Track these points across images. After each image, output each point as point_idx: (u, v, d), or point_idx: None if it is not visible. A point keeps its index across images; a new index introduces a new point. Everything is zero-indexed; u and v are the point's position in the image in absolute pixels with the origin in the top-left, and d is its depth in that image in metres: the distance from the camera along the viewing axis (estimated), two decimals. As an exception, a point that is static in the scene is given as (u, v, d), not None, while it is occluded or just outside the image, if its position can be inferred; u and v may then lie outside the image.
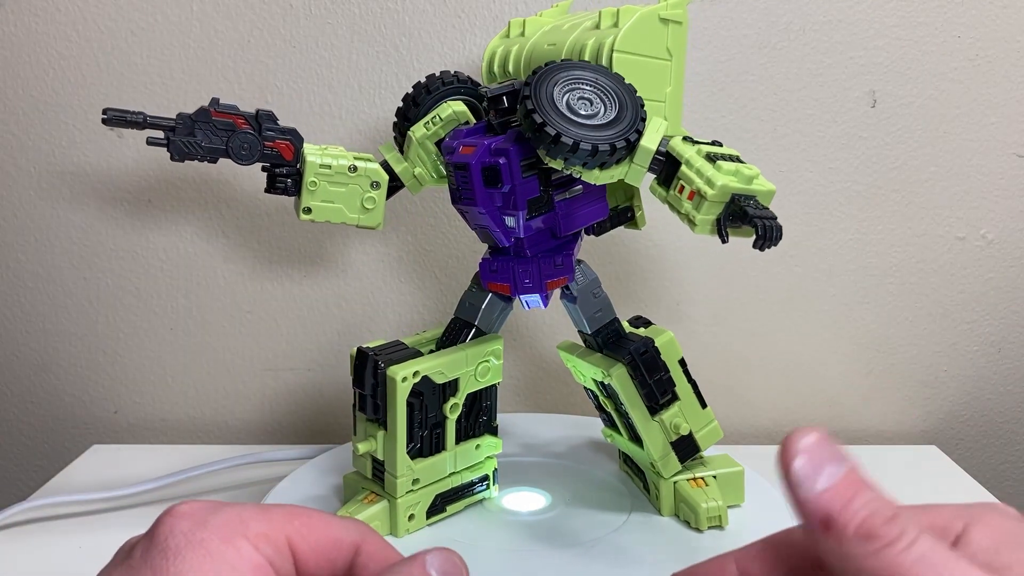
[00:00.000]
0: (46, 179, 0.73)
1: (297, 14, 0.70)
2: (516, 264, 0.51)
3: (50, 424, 0.79)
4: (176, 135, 0.50)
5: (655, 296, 0.75)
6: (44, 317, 0.76)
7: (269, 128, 0.52)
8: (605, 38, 0.48)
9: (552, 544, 0.51)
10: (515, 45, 0.54)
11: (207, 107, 0.51)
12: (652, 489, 0.55)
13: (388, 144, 0.56)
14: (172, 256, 0.75)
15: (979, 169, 0.73)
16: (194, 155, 0.51)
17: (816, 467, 0.26)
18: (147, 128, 0.50)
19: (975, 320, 0.76)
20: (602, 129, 0.44)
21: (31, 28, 0.70)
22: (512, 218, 0.49)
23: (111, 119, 0.49)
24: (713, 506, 0.52)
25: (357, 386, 0.52)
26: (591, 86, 0.45)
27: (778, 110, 0.71)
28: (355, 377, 0.52)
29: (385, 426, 0.51)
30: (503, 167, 0.47)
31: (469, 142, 0.49)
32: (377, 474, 0.52)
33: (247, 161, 0.52)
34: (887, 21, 0.70)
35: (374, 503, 0.52)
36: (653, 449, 0.53)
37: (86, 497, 0.62)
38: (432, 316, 0.75)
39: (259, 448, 0.70)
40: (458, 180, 0.49)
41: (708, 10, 0.69)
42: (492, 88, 0.49)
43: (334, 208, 0.54)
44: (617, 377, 0.51)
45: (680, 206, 0.46)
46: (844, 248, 0.74)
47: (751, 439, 0.78)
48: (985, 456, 0.80)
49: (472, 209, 0.50)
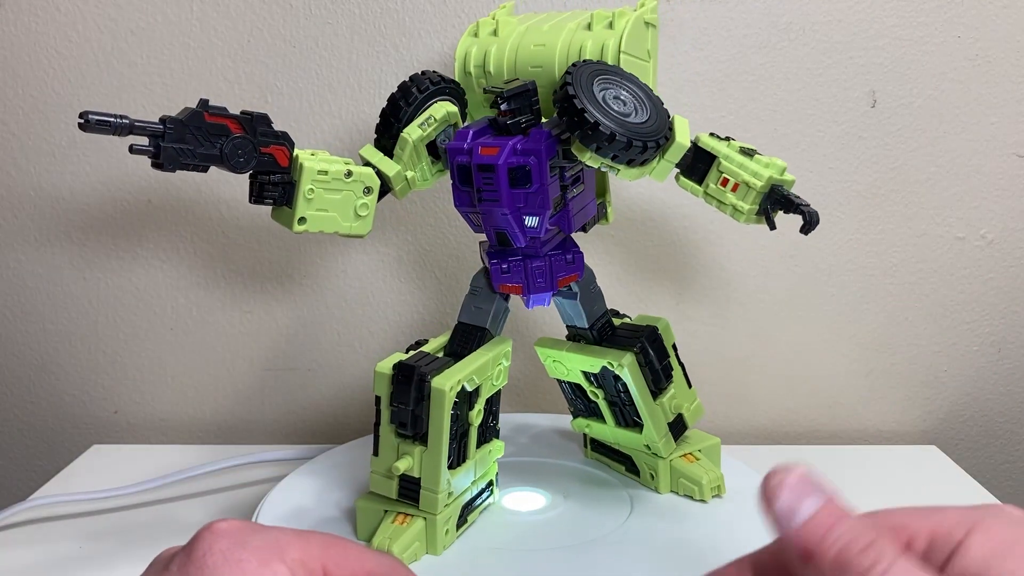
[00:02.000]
0: (46, 179, 0.73)
1: (297, 14, 0.70)
2: (530, 263, 0.51)
3: (50, 424, 0.79)
4: (166, 141, 0.44)
5: (655, 296, 0.75)
6: (44, 317, 0.76)
7: (264, 132, 0.48)
8: (605, 39, 0.49)
9: (552, 544, 0.51)
10: (491, 45, 0.53)
11: (198, 109, 0.45)
12: (644, 471, 0.58)
13: (369, 147, 0.53)
14: (172, 256, 0.75)
15: (979, 169, 0.73)
16: (187, 163, 0.45)
17: (795, 502, 0.27)
18: (132, 134, 0.43)
19: (975, 320, 0.76)
20: (635, 128, 0.46)
21: (31, 28, 0.70)
22: (535, 218, 0.49)
23: (92, 124, 0.42)
24: (713, 476, 0.56)
25: (399, 402, 0.49)
26: (624, 88, 0.48)
27: (778, 110, 0.71)
28: (394, 393, 0.49)
29: (423, 441, 0.49)
30: (534, 167, 0.47)
31: (489, 143, 0.48)
32: (407, 493, 0.50)
33: (244, 168, 0.47)
34: (887, 21, 0.70)
35: (409, 524, 0.49)
36: (656, 431, 0.55)
37: (86, 497, 0.62)
38: (432, 316, 0.75)
39: (259, 448, 0.70)
40: (479, 181, 0.48)
41: (708, 10, 0.69)
42: (508, 88, 0.48)
43: (328, 217, 0.50)
44: (629, 365, 0.53)
45: (724, 198, 0.49)
46: (844, 248, 0.74)
47: (751, 439, 0.78)
48: (985, 456, 0.80)
49: (494, 210, 0.49)
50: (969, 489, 0.66)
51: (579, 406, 0.60)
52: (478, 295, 0.54)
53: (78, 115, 0.42)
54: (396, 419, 0.49)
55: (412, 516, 0.50)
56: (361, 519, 0.52)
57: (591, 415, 0.59)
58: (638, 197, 0.72)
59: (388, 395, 0.49)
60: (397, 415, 0.49)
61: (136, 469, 0.69)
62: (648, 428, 0.55)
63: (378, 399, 0.50)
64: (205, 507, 0.63)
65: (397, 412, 0.49)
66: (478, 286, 0.54)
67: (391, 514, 0.50)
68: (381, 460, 0.51)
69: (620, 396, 0.56)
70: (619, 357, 0.53)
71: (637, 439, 0.57)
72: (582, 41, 0.50)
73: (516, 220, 0.49)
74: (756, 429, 0.78)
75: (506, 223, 0.49)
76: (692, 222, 0.73)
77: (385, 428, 0.50)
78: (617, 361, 0.53)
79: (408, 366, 0.49)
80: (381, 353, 0.76)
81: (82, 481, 0.68)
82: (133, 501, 0.64)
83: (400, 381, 0.49)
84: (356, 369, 0.76)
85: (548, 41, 0.51)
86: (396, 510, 0.50)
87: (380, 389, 0.50)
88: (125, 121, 0.43)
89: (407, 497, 0.50)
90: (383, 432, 0.50)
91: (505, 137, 0.48)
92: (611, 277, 0.74)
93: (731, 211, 0.49)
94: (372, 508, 0.51)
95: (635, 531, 0.52)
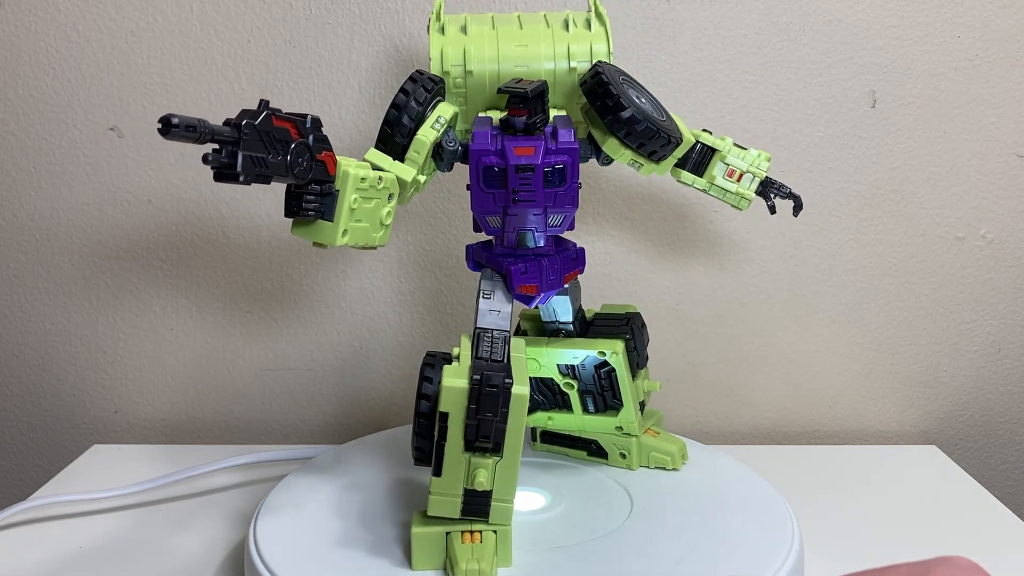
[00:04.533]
0: (46, 179, 0.73)
1: (297, 14, 0.70)
2: (543, 262, 0.51)
3: (50, 424, 0.79)
4: (243, 149, 0.38)
5: (655, 297, 0.75)
6: (44, 317, 0.76)
7: (318, 136, 0.43)
8: (591, 42, 0.53)
9: (552, 544, 0.51)
10: (467, 44, 0.53)
11: (266, 111, 0.40)
12: (613, 452, 0.61)
13: (375, 151, 0.50)
14: (172, 256, 0.75)
15: (979, 169, 0.73)
16: (260, 174, 0.39)
17: None
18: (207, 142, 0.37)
19: (975, 320, 0.76)
20: (659, 122, 0.50)
21: (31, 28, 0.70)
22: (561, 215, 0.50)
23: (177, 130, 0.35)
24: (681, 445, 0.61)
25: (487, 413, 0.45)
26: (642, 92, 0.51)
27: (778, 110, 0.71)
28: (480, 406, 0.45)
29: (495, 452, 0.46)
30: (568, 166, 0.48)
31: (522, 143, 0.48)
32: (472, 509, 0.47)
33: (303, 178, 0.42)
34: (887, 21, 0.70)
35: (483, 539, 0.47)
36: (633, 412, 0.58)
37: (86, 497, 0.62)
38: (432, 316, 0.75)
39: (259, 448, 0.70)
40: (515, 182, 0.48)
41: (708, 10, 0.69)
42: (530, 88, 0.48)
43: (362, 228, 0.47)
44: (621, 352, 0.56)
45: (731, 187, 0.55)
46: (844, 248, 0.74)
47: (751, 439, 0.78)
48: (985, 456, 0.80)
49: (526, 211, 0.49)
50: (969, 489, 0.66)
51: (538, 401, 0.61)
52: (492, 299, 0.52)
53: (158, 120, 0.35)
54: (477, 433, 0.46)
55: (481, 532, 0.47)
56: (420, 547, 0.48)
57: (552, 408, 0.61)
58: (638, 197, 0.72)
59: (461, 411, 0.45)
60: (480, 428, 0.45)
61: (136, 469, 0.69)
62: (627, 409, 0.58)
63: (445, 416, 0.46)
64: (205, 507, 0.63)
65: (481, 425, 0.45)
66: (489, 290, 0.53)
67: (456, 535, 0.48)
68: (445, 480, 0.47)
69: (601, 383, 0.58)
70: (612, 345, 0.56)
71: (609, 422, 0.59)
72: (567, 41, 0.52)
73: (544, 220, 0.50)
74: (756, 429, 0.78)
75: (536, 223, 0.50)
76: (692, 222, 0.73)
77: (453, 445, 0.46)
78: (612, 349, 0.56)
79: (491, 376, 0.45)
80: (381, 353, 0.76)
81: (82, 481, 0.68)
82: (133, 501, 0.64)
83: (489, 393, 0.45)
84: (356, 369, 0.76)
85: (530, 41, 0.52)
86: (458, 529, 0.48)
87: (450, 405, 0.45)
88: (207, 126, 0.36)
89: (471, 513, 0.47)
90: (449, 450, 0.46)
91: (534, 137, 0.49)
92: (611, 277, 0.74)
93: (736, 199, 0.55)
94: (432, 533, 0.48)
95: (635, 531, 0.52)
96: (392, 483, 0.58)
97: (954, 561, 0.28)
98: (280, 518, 0.53)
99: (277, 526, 0.52)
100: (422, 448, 0.48)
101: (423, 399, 0.48)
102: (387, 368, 0.77)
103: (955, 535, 0.59)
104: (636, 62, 0.70)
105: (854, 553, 0.56)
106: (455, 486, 0.47)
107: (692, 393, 0.77)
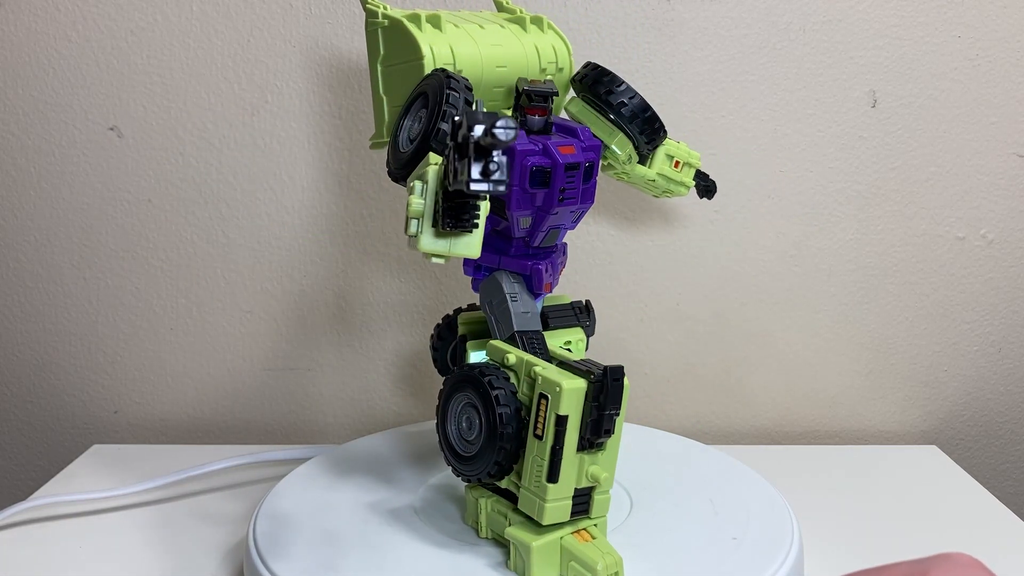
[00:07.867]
0: (46, 179, 0.73)
1: (297, 14, 0.70)
2: (554, 259, 0.52)
3: (50, 424, 0.79)
4: None
5: (655, 296, 0.75)
6: (44, 317, 0.76)
7: None
8: (552, 43, 0.54)
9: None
10: (452, 43, 0.51)
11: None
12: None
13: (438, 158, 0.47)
14: (172, 256, 0.75)
15: (979, 169, 0.73)
16: None
17: None
18: None
19: (975, 320, 0.76)
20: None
21: (31, 28, 0.70)
22: (583, 212, 0.51)
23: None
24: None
25: (612, 408, 0.44)
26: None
27: (778, 110, 0.71)
28: (607, 400, 0.44)
29: (599, 446, 0.46)
30: (595, 162, 0.50)
31: (563, 142, 0.48)
32: (577, 508, 0.46)
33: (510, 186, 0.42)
34: (887, 21, 0.70)
35: (597, 536, 0.47)
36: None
37: (86, 497, 0.62)
38: (432, 316, 0.75)
39: (259, 448, 0.70)
40: (562, 181, 0.48)
41: (708, 10, 0.69)
42: (550, 88, 0.49)
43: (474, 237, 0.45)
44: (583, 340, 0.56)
45: (675, 176, 0.57)
46: (844, 248, 0.74)
47: (751, 439, 0.78)
48: (985, 456, 0.80)
49: (564, 210, 0.49)
50: (969, 489, 0.66)
51: None
52: (519, 300, 0.52)
53: None
54: (598, 429, 0.44)
55: (587, 529, 0.47)
56: (539, 560, 0.46)
57: None
58: (638, 197, 0.72)
59: (578, 411, 0.44)
60: (603, 423, 0.44)
61: (136, 469, 0.69)
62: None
63: (564, 419, 0.44)
64: (205, 507, 0.63)
65: (605, 419, 0.44)
66: (515, 292, 0.52)
67: (568, 538, 0.46)
68: (561, 486, 0.45)
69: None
70: (575, 335, 0.56)
71: None
72: (534, 42, 0.54)
73: (574, 217, 0.51)
74: (756, 429, 0.78)
75: (567, 221, 0.50)
76: (692, 222, 0.73)
77: (570, 448, 0.44)
78: (576, 337, 0.56)
79: (617, 368, 0.44)
80: (381, 353, 0.76)
81: (82, 481, 0.68)
82: (133, 501, 0.64)
83: (613, 387, 0.44)
84: (356, 369, 0.76)
85: (504, 42, 0.53)
86: (568, 532, 0.47)
87: (571, 408, 0.44)
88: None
89: (577, 513, 0.46)
90: (567, 453, 0.44)
91: (569, 136, 0.50)
92: (611, 277, 0.74)
93: (678, 187, 0.58)
94: (549, 543, 0.46)
95: (635, 531, 0.52)
96: (392, 483, 0.58)
97: (955, 558, 0.28)
98: (280, 518, 0.53)
99: (277, 526, 0.52)
100: (502, 463, 0.46)
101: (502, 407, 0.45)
102: (387, 368, 0.77)
103: (955, 535, 0.59)
104: (636, 62, 0.70)
105: (854, 553, 0.56)
106: (568, 489, 0.45)
107: (692, 393, 0.77)
